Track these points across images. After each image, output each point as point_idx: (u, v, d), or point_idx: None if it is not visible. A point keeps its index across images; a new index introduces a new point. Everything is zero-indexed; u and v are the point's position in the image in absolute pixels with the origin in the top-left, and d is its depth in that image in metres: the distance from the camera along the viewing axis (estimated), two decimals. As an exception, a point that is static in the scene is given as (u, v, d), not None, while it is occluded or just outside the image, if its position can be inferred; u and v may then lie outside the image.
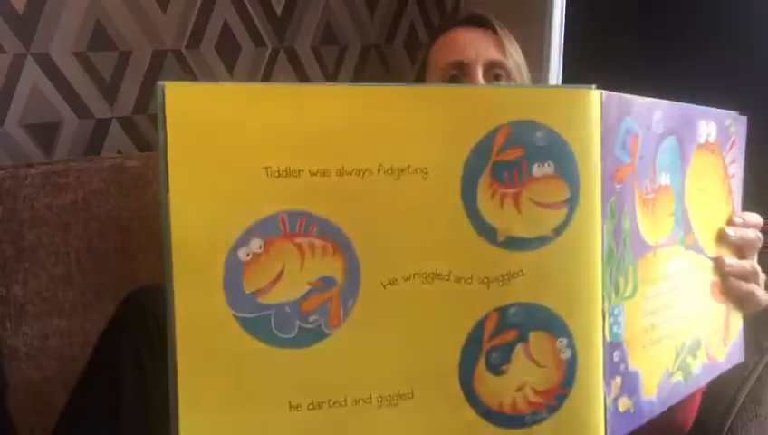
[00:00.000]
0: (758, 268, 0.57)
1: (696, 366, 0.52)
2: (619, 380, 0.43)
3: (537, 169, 0.40)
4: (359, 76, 1.61)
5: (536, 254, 0.40)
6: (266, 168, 0.39)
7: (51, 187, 1.08)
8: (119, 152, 1.35)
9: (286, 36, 1.49)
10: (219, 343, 0.39)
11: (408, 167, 0.39)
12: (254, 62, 1.46)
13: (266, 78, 1.48)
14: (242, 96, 0.39)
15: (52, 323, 1.07)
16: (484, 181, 0.40)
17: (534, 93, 0.42)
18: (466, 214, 0.39)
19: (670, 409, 0.50)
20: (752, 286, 0.56)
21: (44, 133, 1.28)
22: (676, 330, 0.49)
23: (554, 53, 1.33)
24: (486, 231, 0.40)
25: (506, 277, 0.40)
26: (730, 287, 0.55)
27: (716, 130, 0.51)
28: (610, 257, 0.42)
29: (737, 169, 0.55)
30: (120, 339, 0.82)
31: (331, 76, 1.57)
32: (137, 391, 0.75)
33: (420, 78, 0.89)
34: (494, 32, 0.84)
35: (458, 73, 0.83)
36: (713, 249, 0.53)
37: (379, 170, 0.38)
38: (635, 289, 0.45)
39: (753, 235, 0.56)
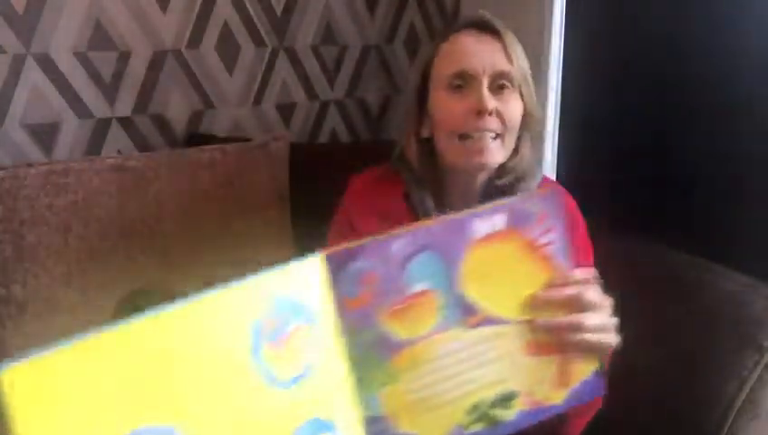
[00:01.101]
0: (582, 320, 0.62)
1: (509, 414, 0.62)
2: None
3: (291, 325, 0.54)
4: (359, 76, 1.61)
5: (306, 382, 0.55)
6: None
7: (51, 187, 1.08)
8: (119, 152, 1.36)
9: (286, 36, 1.49)
10: None
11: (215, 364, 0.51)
12: (254, 62, 1.46)
13: (266, 78, 1.49)
14: (75, 358, 0.46)
15: (52, 323, 1.07)
16: (264, 345, 0.53)
17: (274, 276, 0.54)
18: (258, 376, 0.53)
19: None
20: (578, 337, 0.62)
21: (44, 133, 1.28)
22: (466, 392, 0.60)
23: (554, 53, 1.33)
24: (272, 379, 0.53)
25: (293, 405, 0.54)
26: (558, 341, 0.62)
27: (506, 219, 0.61)
28: (356, 364, 0.57)
29: (555, 236, 0.63)
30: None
31: (331, 76, 1.57)
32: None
33: (425, 77, 0.87)
34: (501, 39, 0.83)
35: (462, 84, 0.82)
36: (526, 314, 0.62)
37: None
38: (392, 377, 0.58)
39: (573, 291, 0.62)
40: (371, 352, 0.58)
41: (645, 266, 1.01)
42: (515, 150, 0.87)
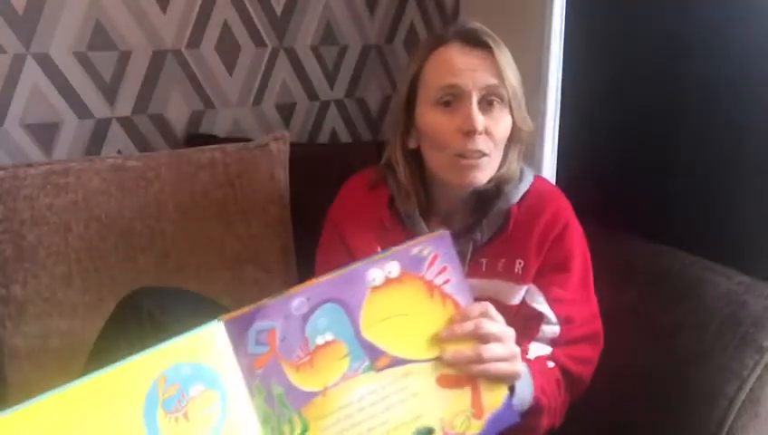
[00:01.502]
0: (481, 352, 0.64)
1: None
2: None
3: (193, 391, 0.57)
4: (359, 76, 1.61)
5: None
6: None
7: (51, 187, 1.08)
8: (119, 152, 1.36)
9: (286, 36, 1.49)
10: None
11: None
12: (254, 62, 1.46)
13: (266, 78, 1.49)
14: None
15: (52, 323, 1.07)
16: (160, 413, 0.56)
17: (175, 345, 0.57)
18: None
19: None
20: (480, 368, 0.65)
21: (44, 133, 1.28)
22: (383, 431, 0.63)
23: (554, 53, 1.33)
24: None
25: None
26: (466, 373, 0.65)
27: (400, 265, 0.64)
28: (268, 419, 0.60)
29: (452, 274, 0.66)
30: (117, 339, 0.82)
31: (331, 76, 1.57)
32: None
33: (413, 88, 0.86)
34: (491, 53, 0.81)
35: (451, 99, 0.81)
36: (433, 351, 0.65)
37: None
38: (305, 427, 0.61)
39: (472, 325, 0.65)
40: (282, 407, 0.61)
41: (644, 266, 1.01)
42: (503, 160, 0.87)
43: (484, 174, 0.83)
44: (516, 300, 0.86)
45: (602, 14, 1.24)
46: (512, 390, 0.70)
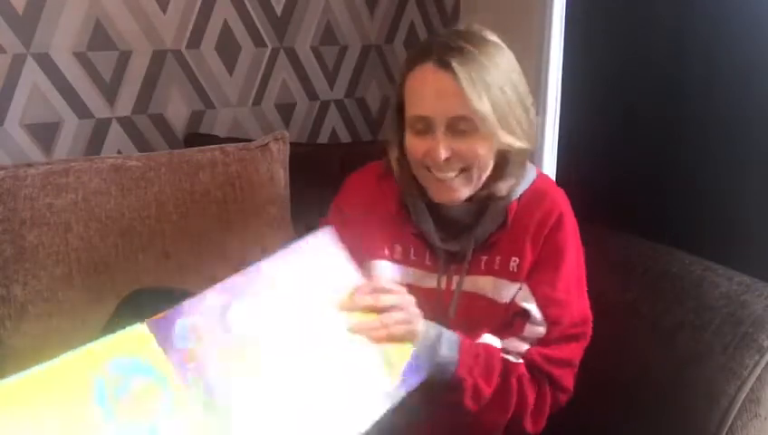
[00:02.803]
0: (385, 318, 0.74)
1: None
2: None
3: (136, 381, 0.60)
4: (359, 76, 1.61)
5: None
6: None
7: (51, 187, 1.08)
8: (119, 152, 1.36)
9: (286, 36, 1.49)
10: None
11: None
12: (254, 62, 1.46)
13: (266, 78, 1.49)
14: None
15: (53, 323, 1.07)
16: (110, 399, 0.59)
17: (108, 343, 0.60)
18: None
19: None
20: (386, 332, 0.74)
21: (44, 133, 1.28)
22: (323, 396, 0.69)
23: (554, 53, 1.33)
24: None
25: None
26: (377, 337, 0.74)
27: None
28: (208, 406, 0.63)
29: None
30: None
31: (331, 76, 1.57)
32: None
33: (401, 97, 0.85)
34: (458, 80, 0.76)
35: (422, 128, 0.82)
36: (342, 320, 0.74)
37: None
38: (245, 411, 0.64)
39: (371, 299, 0.75)
40: (219, 396, 0.64)
41: (644, 266, 1.01)
42: (499, 176, 0.86)
43: (461, 192, 0.84)
44: (507, 298, 0.87)
45: (602, 14, 1.24)
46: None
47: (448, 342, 0.79)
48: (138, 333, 0.62)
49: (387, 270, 0.91)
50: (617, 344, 0.96)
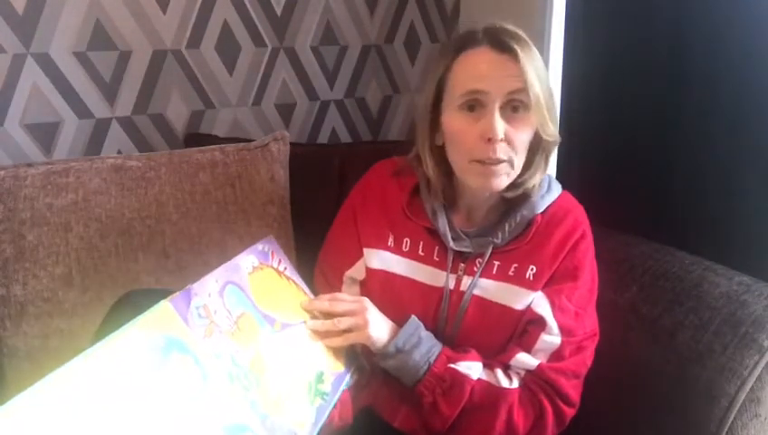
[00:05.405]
0: (339, 323, 0.84)
1: (327, 386, 0.81)
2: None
3: (174, 358, 0.63)
4: (359, 76, 1.61)
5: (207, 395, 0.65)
6: None
7: (51, 187, 1.08)
8: (119, 152, 1.36)
9: (286, 36, 1.49)
10: None
11: None
12: (253, 62, 1.46)
13: (266, 78, 1.49)
14: None
15: (53, 323, 1.07)
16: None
17: (141, 321, 0.62)
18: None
19: None
20: (341, 338, 0.85)
21: (44, 133, 1.28)
22: (298, 379, 0.78)
23: (555, 53, 1.33)
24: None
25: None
26: (331, 339, 0.85)
27: (256, 256, 0.85)
28: (231, 377, 0.68)
29: (286, 264, 0.90)
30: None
31: (331, 76, 1.57)
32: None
33: (440, 89, 0.87)
34: (518, 60, 0.80)
35: (475, 104, 0.82)
36: (302, 316, 0.85)
37: None
38: (257, 381, 0.72)
39: (327, 305, 0.86)
40: (237, 367, 0.71)
41: (644, 266, 1.01)
42: (528, 167, 0.87)
43: (501, 180, 0.84)
44: (522, 305, 0.87)
45: (602, 14, 1.24)
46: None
47: (424, 354, 0.85)
48: (164, 311, 0.65)
49: (389, 261, 0.91)
50: (617, 344, 0.96)
